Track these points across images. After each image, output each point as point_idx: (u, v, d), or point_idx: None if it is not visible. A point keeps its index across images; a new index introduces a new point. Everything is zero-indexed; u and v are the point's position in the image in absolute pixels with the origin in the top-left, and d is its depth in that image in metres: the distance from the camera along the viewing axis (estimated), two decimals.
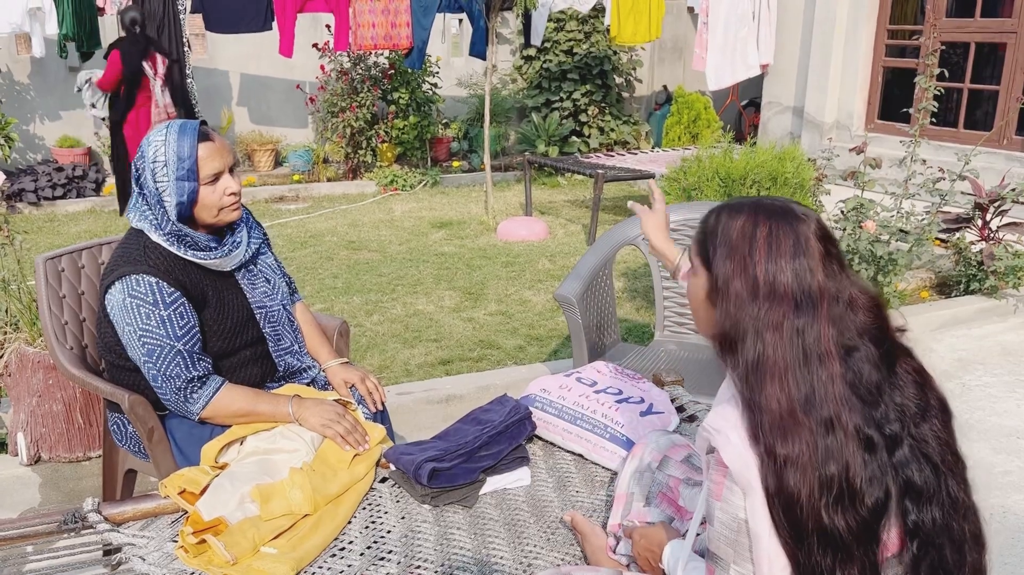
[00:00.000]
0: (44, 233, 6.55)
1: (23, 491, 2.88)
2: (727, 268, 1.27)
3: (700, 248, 1.34)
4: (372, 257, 5.92)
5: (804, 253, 1.24)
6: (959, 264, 4.92)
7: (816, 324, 1.21)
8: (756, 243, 1.25)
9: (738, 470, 1.20)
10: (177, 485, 1.72)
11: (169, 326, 1.92)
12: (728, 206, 1.33)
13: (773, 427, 1.18)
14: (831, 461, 1.16)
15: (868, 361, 1.23)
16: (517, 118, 10.28)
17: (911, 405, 1.24)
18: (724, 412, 1.25)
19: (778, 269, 1.23)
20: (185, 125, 1.96)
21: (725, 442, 1.22)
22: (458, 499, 1.78)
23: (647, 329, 4.38)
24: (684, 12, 10.96)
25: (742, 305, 1.24)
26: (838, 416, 1.18)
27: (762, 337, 1.22)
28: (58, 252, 2.39)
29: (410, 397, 3.44)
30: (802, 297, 1.22)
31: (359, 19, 8.01)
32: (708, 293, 1.32)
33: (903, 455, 1.21)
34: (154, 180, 1.94)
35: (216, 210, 2.00)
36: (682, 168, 4.60)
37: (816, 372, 1.19)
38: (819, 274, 1.23)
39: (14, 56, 8.05)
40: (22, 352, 2.92)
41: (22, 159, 8.24)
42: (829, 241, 1.27)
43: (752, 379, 1.21)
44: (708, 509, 1.28)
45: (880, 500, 1.18)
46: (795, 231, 1.25)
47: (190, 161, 1.92)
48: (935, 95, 4.72)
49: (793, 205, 1.30)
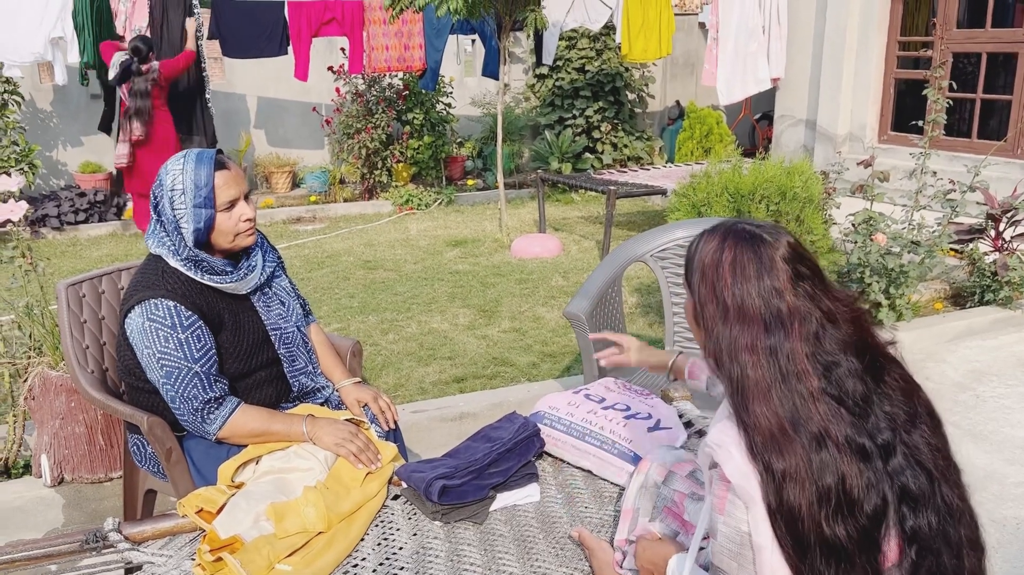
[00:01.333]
0: (67, 257, 6.67)
1: (47, 512, 2.95)
2: (702, 292, 1.33)
3: (685, 271, 1.40)
4: (388, 276, 5.98)
5: (768, 275, 1.28)
6: (973, 275, 4.91)
7: (788, 343, 1.25)
8: (722, 268, 1.31)
9: (740, 484, 1.23)
10: (195, 504, 1.77)
11: (187, 348, 1.97)
12: (708, 230, 1.38)
13: (766, 444, 1.21)
14: (827, 473, 1.19)
15: (852, 374, 1.26)
16: (530, 136, 10.35)
17: (900, 413, 1.28)
18: (725, 427, 1.28)
19: (744, 292, 1.28)
20: (202, 154, 2.03)
21: (727, 457, 1.25)
22: (468, 516, 1.81)
23: (658, 345, 4.40)
24: (695, 28, 11.02)
25: (717, 328, 1.30)
26: (826, 430, 1.21)
27: (738, 359, 1.26)
28: (79, 278, 2.46)
29: (424, 415, 3.48)
30: (771, 318, 1.26)
31: (373, 42, 8.15)
32: (694, 314, 1.37)
33: (897, 463, 1.24)
34: (172, 207, 2.01)
35: (232, 236, 2.06)
36: (691, 184, 4.63)
37: (796, 390, 1.23)
38: (788, 295, 1.27)
39: (37, 85, 8.23)
40: (45, 376, 2.99)
41: (45, 185, 8.40)
42: (800, 261, 1.31)
43: (737, 399, 1.26)
44: (711, 523, 1.30)
45: (878, 507, 1.21)
46: (758, 254, 1.30)
47: (207, 189, 1.99)
48: (946, 107, 4.73)
49: (765, 228, 1.34)
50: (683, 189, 4.73)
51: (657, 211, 8.02)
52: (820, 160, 7.84)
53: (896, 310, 4.40)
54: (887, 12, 7.57)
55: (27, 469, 3.14)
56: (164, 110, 6.91)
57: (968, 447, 3.31)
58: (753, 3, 7.37)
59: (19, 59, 7.12)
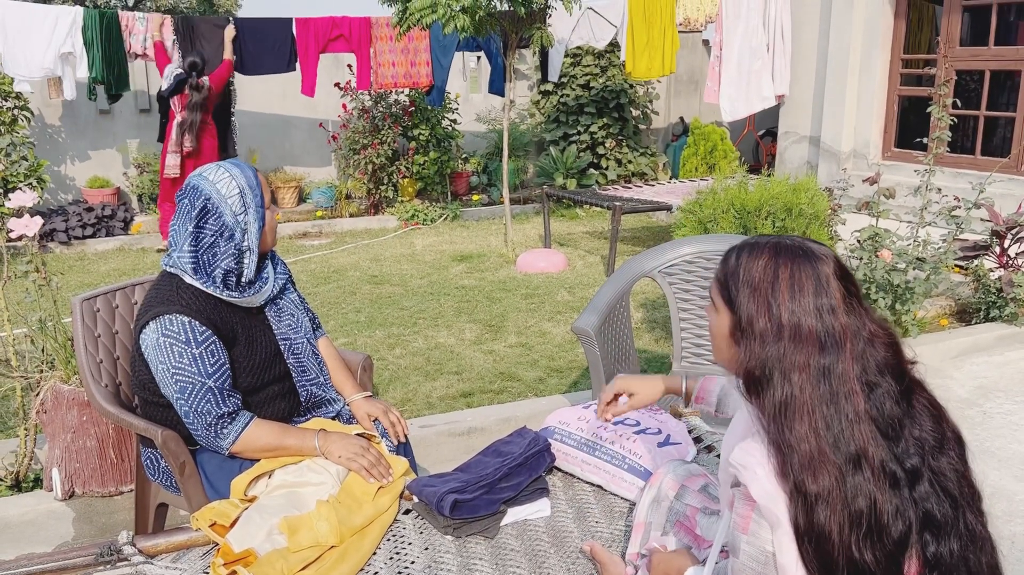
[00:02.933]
0: (75, 272, 6.71)
1: (57, 526, 2.96)
2: (751, 309, 1.29)
3: (722, 288, 1.36)
4: (394, 291, 6.01)
5: (826, 293, 1.26)
6: (978, 291, 4.93)
7: (841, 363, 1.23)
8: (778, 284, 1.27)
9: (766, 505, 1.23)
10: (208, 518, 1.78)
11: (201, 363, 1.99)
12: (749, 246, 1.35)
13: (803, 466, 1.20)
14: (860, 497, 1.19)
15: (889, 396, 1.25)
16: (535, 152, 10.41)
17: (929, 438, 1.27)
18: (749, 447, 1.27)
19: (802, 310, 1.25)
20: (234, 161, 2.14)
21: (752, 477, 1.24)
22: (480, 530, 1.82)
23: (666, 360, 4.41)
24: (699, 45, 11.10)
25: (767, 346, 1.26)
26: (865, 452, 1.20)
27: (789, 378, 1.24)
28: (93, 293, 2.49)
29: (432, 430, 3.49)
30: (826, 337, 1.24)
31: (380, 59, 8.21)
32: (731, 331, 1.34)
33: (924, 489, 1.24)
34: (233, 214, 2.06)
35: (274, 234, 2.19)
36: (697, 200, 4.66)
37: (843, 410, 1.22)
38: (841, 313, 1.26)
39: (46, 100, 8.29)
40: (57, 390, 3.01)
41: (53, 199, 8.45)
42: (848, 279, 1.30)
43: (780, 419, 1.23)
44: (733, 541, 1.30)
45: (904, 533, 1.20)
46: (816, 271, 1.28)
47: (259, 188, 2.12)
48: (950, 124, 4.75)
49: (811, 244, 1.33)
50: (689, 205, 4.76)
51: (661, 227, 8.05)
52: (824, 176, 7.87)
53: (902, 326, 4.41)
54: (890, 30, 7.62)
55: (38, 483, 3.15)
56: (211, 123, 7.18)
57: (975, 464, 3.31)
58: (757, 21, 7.42)
59: (29, 74, 7.19)
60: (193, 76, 6.97)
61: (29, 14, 7.15)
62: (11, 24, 7.03)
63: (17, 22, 7.03)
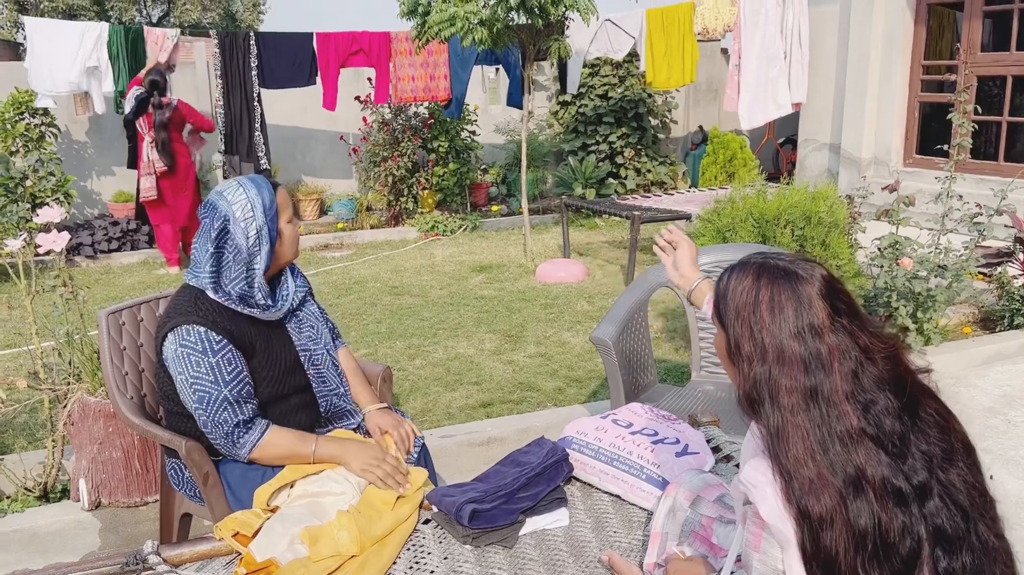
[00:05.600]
0: (101, 285, 6.81)
1: (84, 536, 3.00)
2: (737, 331, 1.30)
3: (716, 308, 1.37)
4: (414, 302, 6.04)
5: (808, 314, 1.25)
6: (1002, 298, 4.88)
7: (828, 383, 1.23)
8: (759, 307, 1.28)
9: (775, 525, 1.23)
10: (231, 528, 1.81)
11: (218, 372, 2.03)
12: (738, 266, 1.36)
13: (804, 490, 1.20)
14: (863, 517, 1.18)
15: (889, 413, 1.24)
16: (554, 162, 10.43)
17: (937, 451, 1.25)
18: (759, 466, 1.27)
19: (783, 333, 1.25)
20: (255, 179, 2.14)
21: (762, 498, 1.24)
22: (498, 539, 1.84)
23: (686, 369, 4.40)
24: (718, 54, 11.09)
25: (754, 368, 1.27)
26: (863, 472, 1.19)
27: (777, 402, 1.24)
28: (119, 306, 2.54)
29: (452, 440, 3.51)
30: (810, 359, 1.24)
31: (399, 73, 8.28)
32: (727, 351, 1.35)
33: (933, 504, 1.22)
34: (246, 236, 2.09)
35: (295, 247, 2.22)
36: (716, 209, 4.65)
37: (835, 431, 1.21)
38: (827, 333, 1.25)
39: (73, 116, 8.44)
40: (84, 402, 3.06)
41: (80, 214, 8.59)
42: (836, 296, 1.29)
43: (776, 444, 1.23)
44: (746, 558, 1.30)
45: (913, 550, 1.19)
46: (796, 293, 1.27)
47: (273, 210, 2.13)
48: (972, 130, 4.72)
49: (799, 263, 1.31)
50: (708, 214, 4.76)
51: None
52: (845, 184, 7.83)
53: (924, 334, 4.37)
54: (910, 36, 7.58)
55: (65, 493, 3.20)
56: (181, 143, 7.14)
57: (999, 473, 3.28)
58: (775, 29, 7.42)
59: (56, 90, 7.34)
60: (155, 95, 6.88)
61: (55, 31, 7.31)
62: (38, 41, 7.18)
63: (44, 39, 7.18)
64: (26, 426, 3.75)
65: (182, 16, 17.70)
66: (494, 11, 6.14)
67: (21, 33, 16.55)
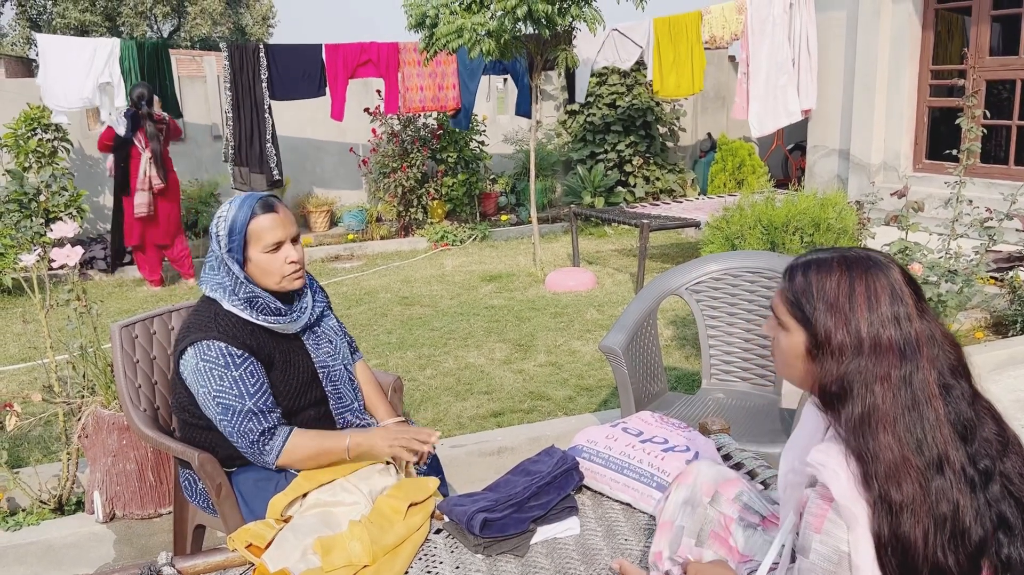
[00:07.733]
0: (114, 299, 6.86)
1: (99, 548, 3.02)
2: (828, 325, 1.30)
3: (792, 307, 1.37)
4: (424, 312, 6.06)
5: (901, 300, 1.28)
6: (1014, 303, 4.85)
7: (920, 369, 1.25)
8: (855, 298, 1.29)
9: (845, 504, 1.24)
10: (244, 539, 1.82)
11: (241, 385, 2.05)
12: (815, 263, 1.36)
13: (887, 474, 1.21)
14: (943, 501, 1.20)
15: (964, 398, 1.27)
16: (563, 171, 10.46)
17: (994, 441, 1.28)
18: (828, 449, 1.29)
19: (880, 321, 1.27)
20: (248, 199, 2.12)
21: (833, 477, 1.25)
22: (510, 548, 1.84)
23: (696, 377, 4.40)
24: (725, 61, 11.11)
25: (848, 360, 1.28)
26: (946, 455, 1.22)
27: (871, 389, 1.26)
28: (132, 320, 2.56)
29: (463, 449, 3.51)
30: (905, 345, 1.26)
31: (408, 83, 8.32)
32: (808, 349, 1.35)
33: (996, 490, 1.25)
34: (220, 247, 2.11)
35: (279, 277, 2.13)
36: (724, 217, 4.66)
37: (925, 415, 1.23)
38: (915, 319, 1.28)
39: (85, 132, 8.52)
40: (98, 415, 3.09)
41: (92, 228, 8.65)
42: (914, 284, 1.32)
43: (862, 430, 1.25)
44: (803, 542, 1.30)
45: (983, 535, 1.22)
46: (889, 280, 1.30)
47: (239, 236, 2.08)
48: (981, 134, 4.71)
49: (873, 253, 1.34)
50: (716, 222, 4.76)
51: (690, 243, 8.04)
52: (854, 190, 7.81)
53: None
54: (918, 42, 7.58)
55: (80, 506, 3.23)
56: (168, 157, 7.07)
57: None
58: (782, 36, 7.43)
59: (68, 105, 7.40)
60: (143, 106, 6.80)
61: (68, 47, 7.39)
62: (51, 57, 7.26)
63: (57, 55, 7.26)
64: (41, 439, 3.79)
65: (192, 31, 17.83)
66: (501, 22, 6.17)
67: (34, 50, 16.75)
